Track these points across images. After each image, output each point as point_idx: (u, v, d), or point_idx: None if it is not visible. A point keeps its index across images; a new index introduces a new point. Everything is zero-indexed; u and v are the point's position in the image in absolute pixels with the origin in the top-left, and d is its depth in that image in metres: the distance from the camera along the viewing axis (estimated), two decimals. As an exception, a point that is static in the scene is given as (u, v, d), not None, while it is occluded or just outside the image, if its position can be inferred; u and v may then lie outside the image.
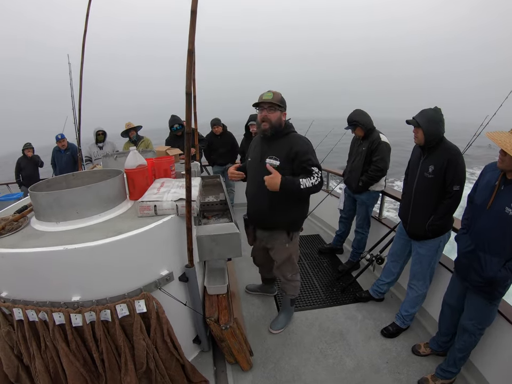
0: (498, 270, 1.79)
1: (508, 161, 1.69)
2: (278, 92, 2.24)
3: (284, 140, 2.27)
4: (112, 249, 1.63)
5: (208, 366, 2.27)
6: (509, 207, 1.72)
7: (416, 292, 2.61)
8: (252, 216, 2.51)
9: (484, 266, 1.85)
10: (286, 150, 2.21)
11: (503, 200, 1.76)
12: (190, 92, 1.59)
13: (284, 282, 2.69)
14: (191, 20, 1.44)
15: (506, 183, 1.78)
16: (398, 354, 2.54)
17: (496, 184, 1.82)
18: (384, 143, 3.26)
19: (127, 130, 5.14)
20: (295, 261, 2.61)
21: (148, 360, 1.78)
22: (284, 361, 2.47)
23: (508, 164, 1.70)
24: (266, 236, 2.52)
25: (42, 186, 2.10)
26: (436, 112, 2.29)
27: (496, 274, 1.79)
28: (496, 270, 1.79)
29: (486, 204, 1.85)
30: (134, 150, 2.13)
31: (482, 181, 1.97)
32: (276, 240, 2.48)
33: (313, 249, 4.36)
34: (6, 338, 1.76)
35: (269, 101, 2.18)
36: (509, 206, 1.72)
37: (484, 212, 1.87)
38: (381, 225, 3.63)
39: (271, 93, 2.20)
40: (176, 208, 1.91)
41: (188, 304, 2.10)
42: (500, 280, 1.79)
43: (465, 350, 2.12)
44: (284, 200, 2.27)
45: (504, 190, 1.78)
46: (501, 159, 1.73)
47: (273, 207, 2.31)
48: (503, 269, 1.78)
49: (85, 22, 3.12)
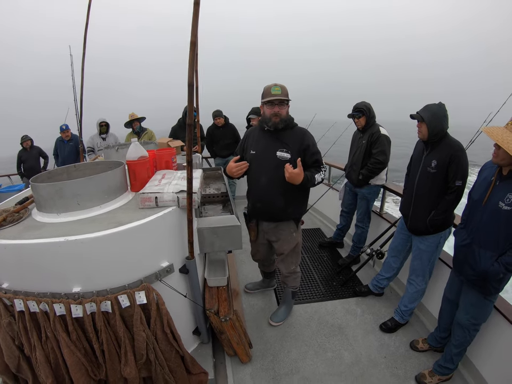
0: (491, 264, 1.81)
1: (502, 155, 1.71)
2: (283, 85, 2.22)
3: (292, 133, 2.29)
4: (113, 240, 1.63)
5: (208, 358, 2.29)
6: (502, 202, 1.75)
7: (416, 287, 2.62)
8: (259, 209, 2.47)
9: (478, 260, 1.88)
10: (298, 143, 2.26)
11: (498, 195, 1.79)
12: (192, 83, 1.58)
13: (285, 276, 2.69)
14: (194, 11, 1.42)
15: (502, 178, 1.80)
16: (396, 349, 2.55)
17: (492, 180, 1.85)
18: (384, 136, 3.24)
19: (130, 121, 5.13)
20: (299, 251, 2.63)
21: (147, 351, 1.79)
22: (283, 354, 2.49)
23: (502, 157, 1.72)
24: (272, 228, 2.50)
25: (43, 178, 2.09)
26: (440, 108, 2.28)
27: (488, 268, 1.82)
28: (489, 264, 1.82)
29: (482, 199, 1.88)
30: (136, 142, 2.12)
31: (480, 177, 1.99)
32: (283, 231, 2.48)
33: (314, 243, 4.37)
34: (7, 329, 1.77)
35: (279, 97, 2.17)
36: (503, 200, 1.75)
37: (480, 207, 1.90)
38: (382, 220, 3.63)
39: (278, 87, 2.18)
40: (177, 200, 1.90)
41: (188, 296, 2.11)
42: (492, 274, 1.81)
43: (460, 346, 2.14)
44: (297, 192, 2.32)
45: (499, 186, 1.81)
46: (496, 153, 1.76)
47: (287, 199, 2.34)
48: (495, 263, 1.80)
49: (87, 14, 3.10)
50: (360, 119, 3.33)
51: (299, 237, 2.57)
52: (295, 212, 2.44)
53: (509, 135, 1.65)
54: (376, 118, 3.36)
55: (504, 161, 1.72)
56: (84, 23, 3.20)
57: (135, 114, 5.16)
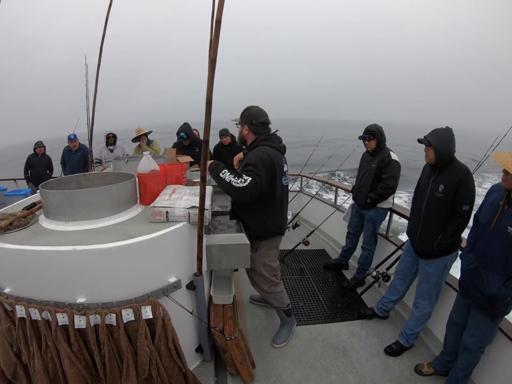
0: (499, 288, 1.81)
1: (511, 180, 1.73)
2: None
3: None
4: (122, 253, 1.63)
5: (210, 377, 2.24)
6: (511, 227, 1.76)
7: (422, 310, 2.59)
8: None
9: (486, 284, 1.87)
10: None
11: (506, 220, 1.80)
12: (210, 101, 1.58)
13: (264, 296, 2.68)
14: (215, 29, 1.44)
15: (511, 203, 1.81)
16: (400, 373, 2.50)
17: (500, 204, 1.85)
18: (394, 161, 3.26)
19: (138, 137, 5.17)
20: (265, 273, 2.53)
21: (150, 367, 1.76)
22: (286, 375, 2.44)
23: (510, 182, 1.74)
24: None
25: (53, 185, 2.10)
26: (447, 132, 2.32)
27: (496, 292, 1.81)
28: (497, 288, 1.81)
29: (490, 223, 1.89)
30: (148, 155, 2.13)
31: (487, 200, 2.01)
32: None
33: (319, 264, 4.34)
34: (6, 335, 1.75)
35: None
36: (511, 225, 1.75)
37: (488, 231, 1.90)
38: (388, 243, 3.61)
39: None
40: (188, 216, 1.90)
41: (194, 312, 2.08)
42: (501, 297, 1.81)
43: (466, 369, 2.12)
44: (251, 209, 2.35)
45: (508, 210, 1.81)
46: (504, 178, 1.78)
47: (245, 217, 2.40)
48: (503, 287, 1.80)
49: (104, 25, 3.14)
50: (371, 142, 3.34)
51: (258, 258, 2.48)
52: (247, 232, 2.36)
53: None
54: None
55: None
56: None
57: (142, 129, 5.20)
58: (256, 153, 2.22)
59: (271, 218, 2.40)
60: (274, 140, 2.36)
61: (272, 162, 2.21)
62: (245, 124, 2.34)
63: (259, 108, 2.38)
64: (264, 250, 2.48)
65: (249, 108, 2.37)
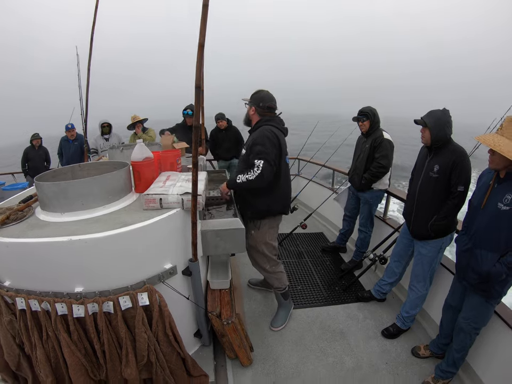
0: (493, 265, 1.82)
1: (497, 159, 1.74)
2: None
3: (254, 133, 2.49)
4: (117, 241, 1.64)
5: (208, 361, 2.28)
6: (501, 203, 1.77)
7: (417, 293, 2.61)
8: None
9: (480, 262, 1.88)
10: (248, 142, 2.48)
11: (496, 197, 1.81)
12: (199, 85, 1.58)
13: (266, 277, 2.72)
14: (202, 13, 1.43)
15: (500, 181, 1.83)
16: (397, 355, 2.54)
17: (490, 184, 1.87)
18: (387, 140, 3.25)
19: (133, 124, 5.14)
20: (266, 252, 2.58)
21: (149, 352, 1.79)
22: (284, 358, 2.48)
23: (497, 162, 1.75)
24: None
25: (48, 177, 2.10)
26: (443, 113, 2.30)
27: (490, 269, 1.82)
28: (491, 265, 1.82)
29: (481, 203, 1.90)
30: (141, 143, 2.12)
31: (478, 184, 2.02)
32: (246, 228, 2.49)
33: (317, 247, 4.35)
34: (8, 327, 1.77)
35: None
36: (501, 201, 1.77)
37: (479, 211, 1.92)
38: (385, 225, 3.61)
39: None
40: (181, 202, 1.91)
41: (190, 298, 2.11)
42: (495, 275, 1.81)
43: (462, 350, 2.15)
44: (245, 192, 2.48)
45: (497, 188, 1.83)
46: (491, 159, 1.79)
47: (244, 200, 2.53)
48: (497, 263, 1.81)
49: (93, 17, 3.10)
50: (364, 123, 3.34)
51: (260, 237, 2.54)
52: (251, 210, 2.51)
53: (500, 139, 1.70)
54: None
55: (500, 165, 1.76)
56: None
57: (137, 116, 5.17)
58: (261, 132, 2.33)
59: (277, 196, 2.48)
60: (277, 121, 2.47)
61: (278, 139, 2.33)
62: (253, 105, 2.46)
63: (268, 93, 2.48)
64: (266, 229, 2.53)
65: (260, 91, 2.49)
